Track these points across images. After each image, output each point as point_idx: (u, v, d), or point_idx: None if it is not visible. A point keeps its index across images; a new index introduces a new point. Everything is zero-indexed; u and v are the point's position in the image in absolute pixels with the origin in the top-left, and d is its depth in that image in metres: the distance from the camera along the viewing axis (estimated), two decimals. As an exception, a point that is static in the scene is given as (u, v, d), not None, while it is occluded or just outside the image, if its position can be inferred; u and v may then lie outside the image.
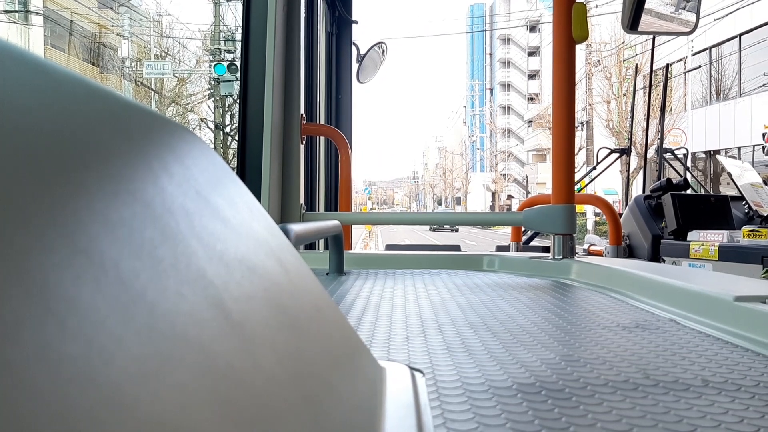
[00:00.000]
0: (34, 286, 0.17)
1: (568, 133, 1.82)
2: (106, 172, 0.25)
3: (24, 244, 0.18)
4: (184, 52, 24.56)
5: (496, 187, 49.36)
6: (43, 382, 0.16)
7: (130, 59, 22.90)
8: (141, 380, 0.19)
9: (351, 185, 2.56)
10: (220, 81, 20.15)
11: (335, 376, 0.37)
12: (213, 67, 20.27)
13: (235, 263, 0.32)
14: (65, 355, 0.17)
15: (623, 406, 0.52)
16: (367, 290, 1.28)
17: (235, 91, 21.83)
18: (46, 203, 0.20)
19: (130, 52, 22.88)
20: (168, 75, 22.30)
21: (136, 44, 23.23)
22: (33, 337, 0.16)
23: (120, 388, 0.18)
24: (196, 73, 23.39)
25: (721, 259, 3.01)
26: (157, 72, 21.95)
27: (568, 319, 0.95)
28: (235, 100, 22.61)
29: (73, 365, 0.17)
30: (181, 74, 23.52)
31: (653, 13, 2.70)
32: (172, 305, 0.24)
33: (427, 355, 0.70)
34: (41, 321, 0.17)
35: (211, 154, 0.40)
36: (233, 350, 0.26)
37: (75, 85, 0.27)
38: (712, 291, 0.95)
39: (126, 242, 0.23)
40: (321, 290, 0.46)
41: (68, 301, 0.18)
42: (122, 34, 23.13)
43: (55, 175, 0.21)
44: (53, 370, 0.16)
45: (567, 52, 1.81)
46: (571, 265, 1.60)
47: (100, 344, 0.18)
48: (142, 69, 22.29)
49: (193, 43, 26.04)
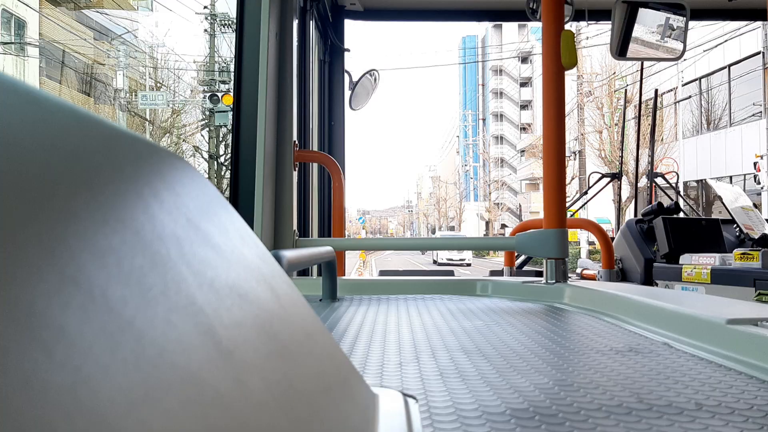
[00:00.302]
0: (21, 313, 0.17)
1: (558, 158, 1.83)
2: (96, 199, 0.25)
3: (12, 271, 0.18)
4: (179, 83, 24.73)
5: (489, 216, 49.51)
6: (29, 410, 0.15)
7: (125, 90, 23.06)
8: (128, 409, 0.19)
9: (344, 211, 2.56)
10: (214, 111, 20.22)
11: (326, 403, 0.37)
12: (207, 97, 20.38)
13: (225, 290, 0.32)
14: (51, 383, 0.17)
15: (617, 430, 0.52)
16: (360, 316, 1.27)
17: (230, 121, 21.77)
18: (35, 231, 0.20)
19: (125, 84, 23.03)
20: (162, 106, 22.40)
21: (129, 77, 23.35)
22: (19, 365, 0.16)
23: (106, 418, 0.18)
24: (190, 104, 23.48)
25: (713, 282, 3.01)
26: (151, 103, 22.05)
27: (561, 343, 0.95)
28: (229, 130, 22.52)
29: (59, 394, 0.17)
30: (174, 105, 23.55)
31: (640, 40, 2.75)
32: (160, 333, 0.24)
33: (420, 381, 0.70)
34: (27, 349, 0.17)
35: (202, 181, 0.40)
36: (222, 378, 0.26)
37: (66, 114, 0.27)
38: (705, 314, 0.95)
39: (115, 270, 0.23)
40: (313, 317, 0.46)
41: (55, 329, 0.18)
42: (117, 65, 23.30)
43: (44, 203, 0.21)
44: (39, 399, 0.16)
45: (556, 78, 1.83)
46: (564, 290, 1.60)
47: (86, 373, 0.18)
48: (136, 100, 22.39)
49: (188, 74, 26.16)
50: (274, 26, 1.98)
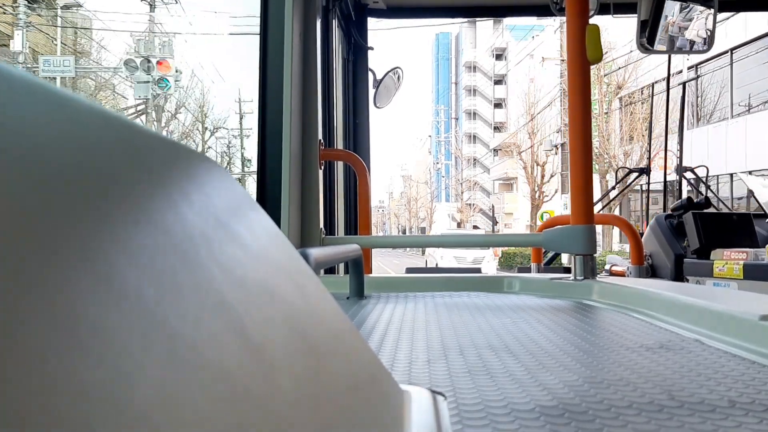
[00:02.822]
0: (59, 313, 0.18)
1: (585, 154, 1.82)
2: (127, 201, 0.25)
3: (48, 272, 0.18)
4: (102, 51, 21.60)
5: (461, 217, 48.84)
6: (68, 409, 0.16)
7: (24, 54, 19.40)
8: (162, 406, 0.19)
9: (370, 209, 2.57)
10: (136, 82, 17.66)
11: (355, 401, 0.37)
12: (124, 63, 17.26)
13: (254, 289, 0.33)
14: (89, 381, 0.17)
15: (648, 428, 0.52)
16: (388, 314, 1.27)
17: (150, 93, 19.77)
18: (70, 234, 0.20)
19: (25, 47, 19.17)
20: (69, 73, 19.44)
21: (33, 41, 19.39)
22: (58, 364, 0.16)
23: (143, 414, 0.18)
24: (114, 75, 20.24)
25: (746, 278, 2.96)
26: (57, 69, 18.95)
27: (590, 340, 0.94)
28: (176, 113, 19.93)
29: (97, 391, 0.17)
30: (89, 73, 20.41)
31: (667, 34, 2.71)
32: (192, 331, 0.24)
33: (449, 378, 0.70)
34: (65, 348, 0.17)
35: (230, 180, 0.41)
36: (252, 375, 0.26)
37: (94, 116, 0.27)
38: (737, 310, 0.94)
39: (147, 269, 0.24)
40: (341, 314, 0.46)
41: (91, 327, 0.19)
42: (15, 23, 19.67)
43: (77, 205, 0.22)
44: (78, 397, 0.16)
45: (582, 73, 1.81)
46: (592, 286, 1.58)
47: (122, 371, 0.19)
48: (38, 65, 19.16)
49: (121, 44, 23.68)
50: (298, 26, 1.99)
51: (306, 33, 2.06)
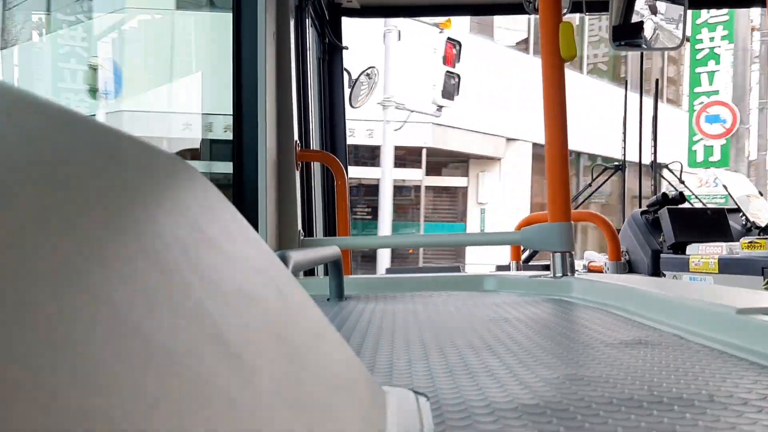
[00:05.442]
0: (28, 318, 0.17)
1: (561, 152, 1.83)
2: (99, 206, 0.25)
3: (19, 281, 0.18)
4: None
5: None
6: (38, 416, 0.15)
7: None
8: (138, 416, 0.19)
9: (348, 210, 2.56)
10: None
11: (337, 403, 0.37)
12: None
13: (232, 293, 0.32)
14: (59, 390, 0.17)
15: (628, 424, 0.52)
16: (368, 315, 1.27)
17: None
18: (39, 241, 0.20)
19: None
20: None
21: None
22: (29, 371, 0.16)
23: (116, 424, 0.18)
24: None
25: (721, 272, 3.00)
26: None
27: (570, 337, 0.95)
28: None
29: (69, 399, 0.17)
30: None
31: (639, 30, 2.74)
32: (168, 338, 0.23)
33: (430, 378, 0.70)
34: (38, 355, 0.16)
35: (206, 184, 0.40)
36: (231, 381, 0.26)
37: (66, 118, 0.27)
38: (714, 304, 0.95)
39: (120, 275, 0.23)
40: (320, 317, 0.45)
41: (63, 335, 0.18)
42: None
43: (46, 213, 0.21)
44: (47, 406, 0.16)
45: (557, 71, 1.82)
46: (571, 283, 1.59)
47: (94, 379, 0.18)
48: None
49: None
50: (272, 26, 1.98)
51: (279, 33, 2.05)
